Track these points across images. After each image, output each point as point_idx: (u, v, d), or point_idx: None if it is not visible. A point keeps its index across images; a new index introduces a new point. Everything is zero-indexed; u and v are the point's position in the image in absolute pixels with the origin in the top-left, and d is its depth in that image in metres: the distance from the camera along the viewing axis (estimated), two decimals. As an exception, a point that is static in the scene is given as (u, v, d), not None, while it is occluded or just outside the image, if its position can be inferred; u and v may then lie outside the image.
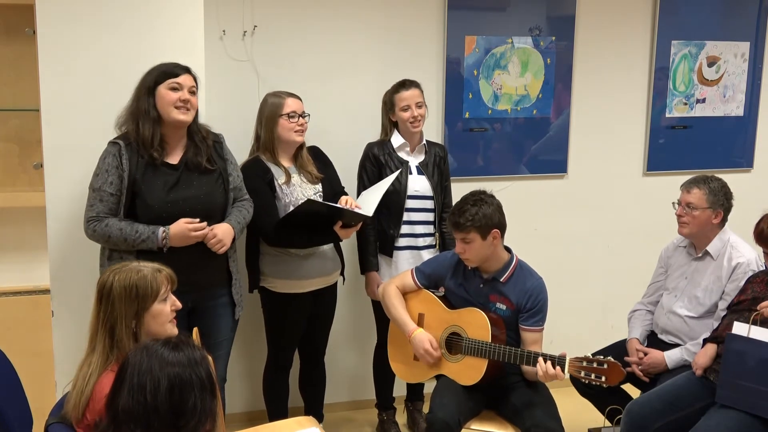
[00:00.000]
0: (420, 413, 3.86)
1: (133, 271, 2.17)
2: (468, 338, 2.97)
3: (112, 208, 2.78)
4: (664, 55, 4.26)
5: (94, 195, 2.80)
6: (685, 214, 3.24)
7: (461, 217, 2.92)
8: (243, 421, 3.82)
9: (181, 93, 2.82)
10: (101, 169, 2.80)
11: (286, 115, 3.23)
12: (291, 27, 3.71)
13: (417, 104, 3.47)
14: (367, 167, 3.53)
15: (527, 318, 2.98)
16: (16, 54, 3.52)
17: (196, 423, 1.74)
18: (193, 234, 2.80)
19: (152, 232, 2.77)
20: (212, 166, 2.94)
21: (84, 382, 2.07)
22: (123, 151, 2.78)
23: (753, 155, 4.52)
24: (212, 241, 2.85)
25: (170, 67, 2.85)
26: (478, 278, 3.05)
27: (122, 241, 2.76)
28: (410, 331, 3.06)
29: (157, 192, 2.81)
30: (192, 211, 2.84)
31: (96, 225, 2.77)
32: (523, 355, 2.86)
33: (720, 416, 2.76)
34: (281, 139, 3.27)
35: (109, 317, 2.13)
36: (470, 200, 2.96)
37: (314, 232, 3.24)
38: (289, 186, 3.24)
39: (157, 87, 2.81)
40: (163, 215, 2.80)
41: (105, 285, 2.16)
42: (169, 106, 2.81)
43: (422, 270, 3.21)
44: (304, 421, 2.69)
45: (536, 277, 3.03)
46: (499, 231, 2.96)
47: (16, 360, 2.54)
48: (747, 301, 2.97)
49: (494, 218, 2.93)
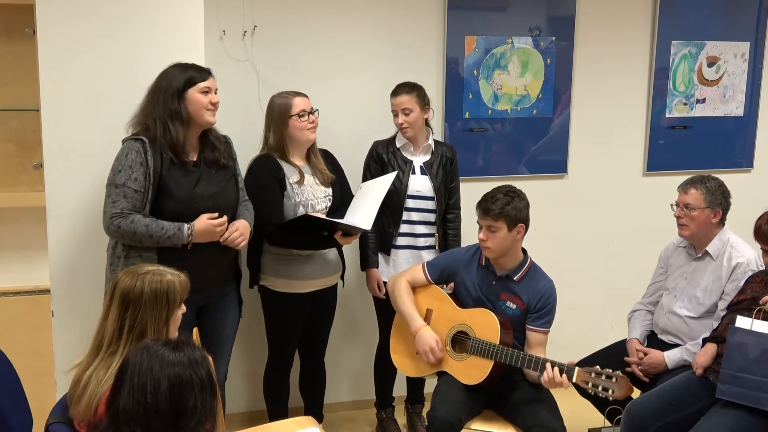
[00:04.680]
0: (419, 417, 3.85)
1: (161, 276, 2.18)
2: (475, 338, 2.97)
3: (136, 204, 2.76)
4: (664, 56, 4.26)
5: (117, 191, 2.76)
6: (683, 215, 3.23)
7: (494, 204, 2.94)
8: (243, 421, 3.82)
9: (211, 96, 2.87)
10: (124, 166, 2.76)
11: (296, 115, 3.23)
12: (291, 27, 3.71)
13: (403, 110, 3.42)
14: (371, 166, 3.53)
15: (535, 319, 2.99)
16: (16, 54, 3.52)
17: (196, 423, 1.74)
18: (217, 229, 2.84)
19: (178, 228, 2.78)
20: (227, 162, 2.99)
21: (99, 385, 2.06)
22: (147, 148, 2.77)
23: (753, 155, 4.53)
24: (234, 235, 2.89)
25: (195, 70, 2.87)
26: (491, 275, 3.06)
27: (147, 237, 2.75)
28: (417, 327, 3.06)
29: (184, 188, 2.83)
30: (214, 207, 2.87)
31: (121, 221, 2.74)
32: (530, 360, 2.85)
33: (720, 416, 2.76)
34: (294, 139, 3.26)
35: (139, 322, 2.13)
36: (503, 190, 2.99)
37: (314, 237, 3.25)
38: (301, 186, 3.24)
39: (187, 90, 2.82)
40: (188, 211, 2.82)
41: (131, 290, 2.14)
42: (203, 110, 2.85)
43: (434, 264, 3.20)
44: (304, 421, 2.69)
45: (548, 280, 3.05)
46: (524, 227, 2.99)
47: (16, 360, 2.53)
48: (746, 300, 2.97)
49: (523, 213, 2.97)
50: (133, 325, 2.13)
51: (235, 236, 2.91)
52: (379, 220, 3.49)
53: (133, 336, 2.13)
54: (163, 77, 2.84)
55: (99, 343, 2.17)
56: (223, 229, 2.88)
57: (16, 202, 3.57)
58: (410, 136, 3.49)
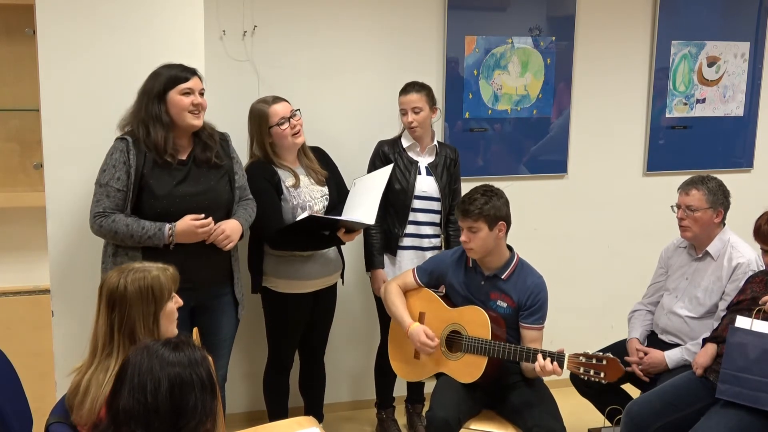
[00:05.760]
0: (419, 416, 3.85)
1: (145, 272, 2.16)
2: (468, 336, 2.97)
3: (118, 204, 2.77)
4: (664, 55, 4.26)
5: (100, 190, 2.78)
6: (686, 217, 3.23)
7: (471, 205, 2.95)
8: (243, 421, 3.82)
9: (193, 97, 2.84)
10: (108, 165, 2.79)
11: (276, 124, 3.20)
12: (291, 27, 3.71)
13: (413, 109, 3.43)
14: (377, 164, 3.52)
15: (527, 316, 2.99)
16: (16, 54, 3.52)
17: (196, 423, 1.74)
18: (199, 230, 2.81)
19: (159, 228, 2.77)
20: (220, 161, 2.96)
21: (100, 389, 2.05)
22: (131, 147, 2.78)
23: (753, 155, 4.52)
24: (220, 237, 2.86)
25: (178, 70, 2.84)
26: (479, 275, 3.06)
27: (128, 237, 2.76)
28: (407, 326, 3.08)
29: (165, 186, 2.81)
30: (199, 206, 2.84)
31: (102, 220, 2.76)
32: (522, 351, 2.87)
33: (720, 416, 2.76)
34: (281, 146, 3.25)
35: (126, 321, 2.11)
36: (480, 190, 3.00)
37: (317, 237, 3.24)
38: (297, 189, 3.24)
39: (168, 92, 2.80)
40: (171, 209, 2.80)
41: (116, 289, 2.13)
42: (183, 112, 2.82)
43: (423, 268, 3.22)
44: (304, 421, 2.69)
45: (537, 275, 3.04)
46: (506, 224, 2.99)
47: (16, 360, 2.53)
48: (747, 301, 2.98)
49: (502, 211, 2.97)
50: (122, 325, 2.11)
51: (220, 239, 2.86)
52: (384, 220, 3.49)
53: (124, 335, 2.11)
54: (151, 78, 2.83)
55: (95, 345, 2.16)
56: (207, 230, 2.83)
57: (16, 202, 3.57)
58: (418, 135, 3.49)
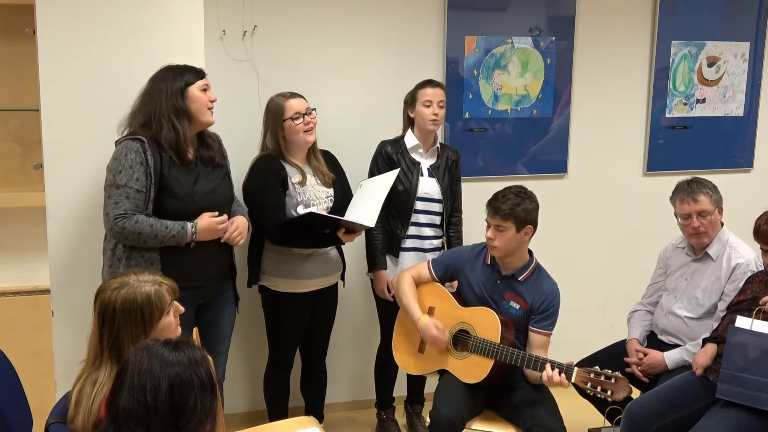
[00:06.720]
0: (419, 417, 3.85)
1: (135, 290, 2.10)
2: (476, 336, 2.97)
3: (138, 205, 2.75)
4: (664, 56, 4.26)
5: (118, 192, 2.74)
6: (701, 223, 3.19)
7: (504, 204, 2.94)
8: (243, 421, 3.82)
9: (209, 93, 2.89)
10: (124, 166, 2.74)
11: (291, 118, 3.22)
12: (291, 27, 3.71)
13: (439, 103, 3.46)
14: (379, 164, 3.52)
15: (539, 320, 3.00)
16: (16, 54, 3.51)
17: (196, 423, 1.74)
18: (219, 227, 2.86)
19: (182, 227, 2.79)
20: (221, 161, 3.01)
21: (90, 402, 2.03)
22: (147, 147, 2.77)
23: (753, 155, 4.52)
24: (235, 233, 2.92)
25: (192, 70, 2.87)
26: (496, 273, 3.07)
27: (152, 237, 2.75)
28: (417, 318, 3.07)
29: (184, 186, 2.84)
30: (212, 204, 2.89)
31: (125, 222, 2.72)
32: (530, 359, 2.86)
33: (720, 416, 2.76)
34: (291, 142, 3.26)
35: (114, 340, 2.08)
36: (514, 190, 2.99)
37: (317, 235, 3.24)
38: (303, 186, 3.24)
39: (189, 88, 2.83)
40: (190, 209, 2.83)
41: (106, 306, 2.09)
42: (204, 107, 2.87)
43: (440, 261, 3.22)
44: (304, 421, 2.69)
45: (553, 282, 3.06)
46: (532, 229, 2.99)
47: (16, 360, 2.53)
48: (746, 301, 2.97)
49: (533, 215, 2.98)
50: (111, 342, 2.08)
51: (235, 235, 2.94)
52: (387, 221, 3.49)
53: (112, 352, 2.08)
54: (159, 79, 2.83)
55: (88, 354, 2.14)
56: (225, 227, 2.90)
57: (16, 202, 3.57)
58: (435, 129, 3.50)
